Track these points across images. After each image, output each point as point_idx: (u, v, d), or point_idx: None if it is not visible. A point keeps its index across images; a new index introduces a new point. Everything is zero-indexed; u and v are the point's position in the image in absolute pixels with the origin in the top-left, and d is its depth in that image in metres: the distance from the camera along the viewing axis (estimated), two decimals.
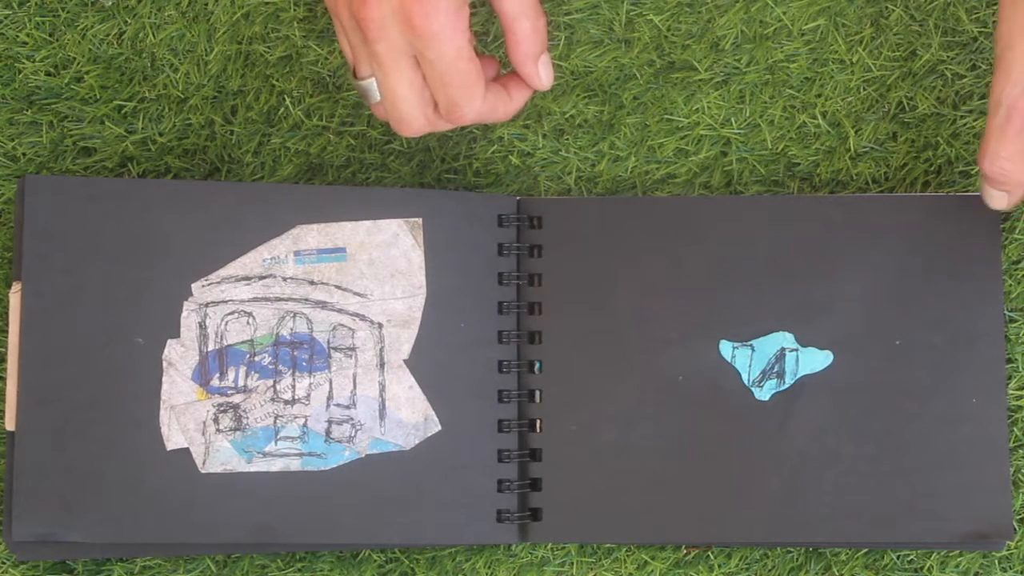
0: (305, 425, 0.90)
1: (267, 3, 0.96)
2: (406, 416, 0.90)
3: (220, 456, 0.89)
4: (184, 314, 0.90)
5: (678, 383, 0.91)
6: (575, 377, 0.92)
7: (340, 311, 0.90)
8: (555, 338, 0.92)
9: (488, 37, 0.96)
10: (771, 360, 0.92)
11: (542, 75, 0.84)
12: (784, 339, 0.92)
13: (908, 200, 0.93)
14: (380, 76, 0.82)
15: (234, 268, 0.90)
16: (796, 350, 0.92)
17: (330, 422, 0.90)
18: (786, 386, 0.91)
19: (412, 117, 0.83)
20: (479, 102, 0.82)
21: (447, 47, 0.79)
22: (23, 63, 0.96)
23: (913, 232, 0.92)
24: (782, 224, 0.92)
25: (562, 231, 0.93)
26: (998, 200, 0.87)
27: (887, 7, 0.96)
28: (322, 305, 0.90)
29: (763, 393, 0.91)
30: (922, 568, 0.92)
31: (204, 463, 0.88)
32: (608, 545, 0.92)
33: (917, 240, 0.92)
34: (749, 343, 0.92)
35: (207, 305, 0.90)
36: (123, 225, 0.89)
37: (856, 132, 0.95)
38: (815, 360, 0.91)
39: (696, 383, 0.91)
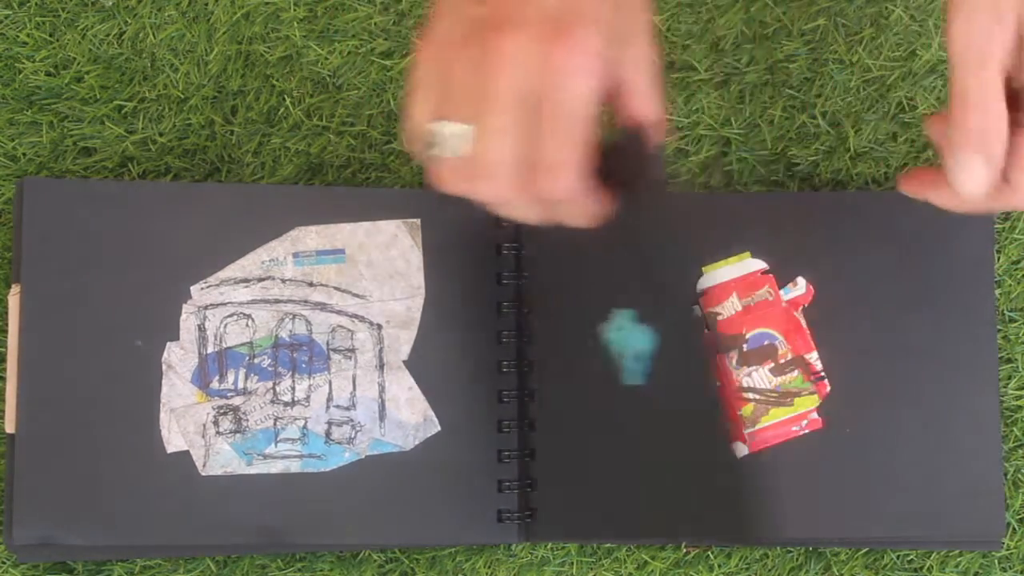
0: (305, 427, 0.90)
1: (267, 3, 0.96)
2: (406, 417, 0.90)
3: (220, 459, 0.89)
4: (183, 317, 0.90)
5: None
6: (568, 376, 0.92)
7: (339, 312, 0.91)
8: (544, 337, 0.92)
9: None
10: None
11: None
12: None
13: (900, 196, 0.92)
14: (486, 118, 0.68)
15: (233, 270, 0.90)
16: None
17: (330, 423, 0.90)
18: None
19: (504, 170, 0.69)
20: (570, 179, 0.69)
21: (579, 89, 0.67)
22: (23, 63, 0.96)
23: (905, 228, 0.92)
24: (773, 222, 0.92)
25: (550, 230, 0.93)
26: (976, 172, 0.74)
27: (887, 7, 0.96)
28: (321, 307, 0.90)
29: None
30: (922, 568, 0.92)
31: (204, 465, 0.89)
32: (608, 545, 0.92)
33: (908, 236, 0.92)
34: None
35: (206, 308, 0.90)
36: (122, 227, 0.89)
37: (856, 132, 0.95)
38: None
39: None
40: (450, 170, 0.70)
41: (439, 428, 0.90)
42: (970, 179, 0.74)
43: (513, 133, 0.68)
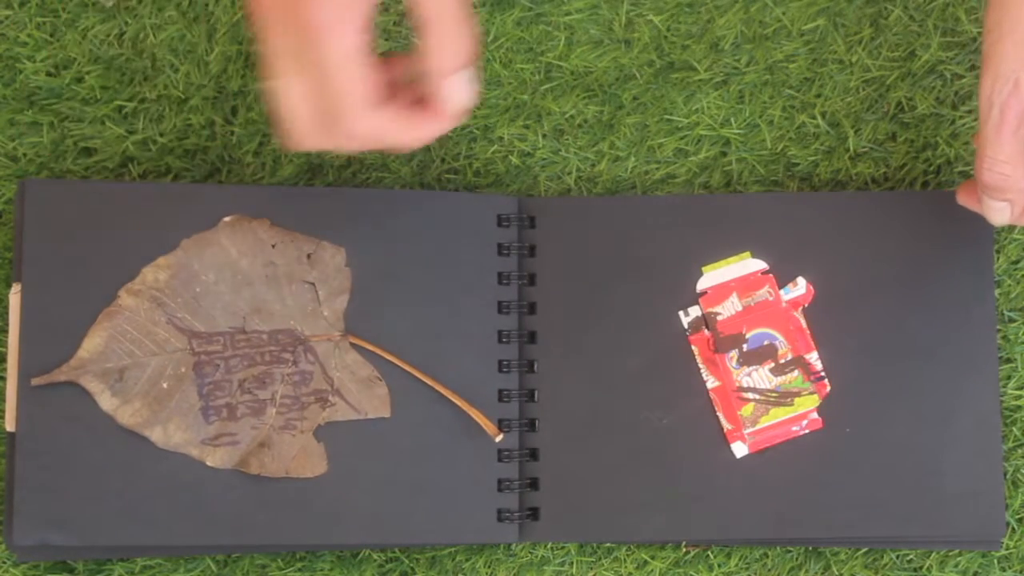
0: None
1: None
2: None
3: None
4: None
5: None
6: (571, 376, 0.92)
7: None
8: (550, 337, 0.92)
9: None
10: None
11: (452, 96, 0.73)
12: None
13: (899, 196, 0.93)
14: (276, 79, 0.73)
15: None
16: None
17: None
18: None
19: (299, 125, 0.74)
20: (366, 117, 0.72)
21: (332, 45, 0.70)
22: (24, 63, 0.96)
23: (905, 228, 0.92)
24: (775, 221, 0.93)
25: (555, 231, 0.93)
26: (1000, 213, 0.82)
27: (886, 7, 0.96)
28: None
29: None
30: (922, 568, 0.92)
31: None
32: (608, 545, 0.92)
33: (908, 236, 0.92)
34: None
35: None
36: (122, 227, 0.89)
37: (855, 132, 0.95)
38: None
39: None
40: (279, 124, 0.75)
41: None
42: (993, 216, 0.83)
43: (296, 91, 0.72)
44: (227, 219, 0.90)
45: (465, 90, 0.74)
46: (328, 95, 0.72)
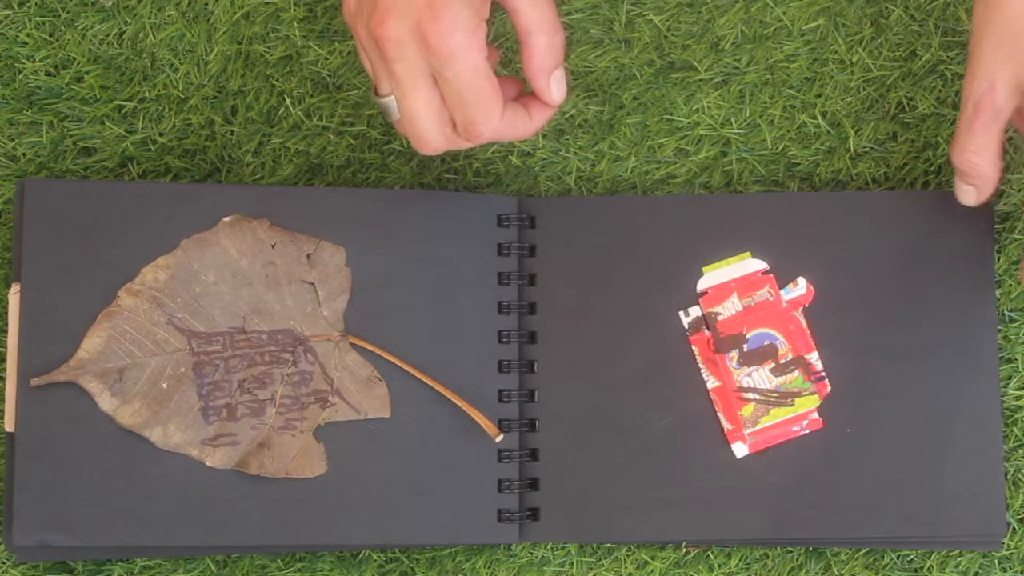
0: None
1: (267, 3, 0.96)
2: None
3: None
4: None
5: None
6: (571, 376, 0.92)
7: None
8: (550, 338, 0.92)
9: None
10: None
11: (554, 90, 0.84)
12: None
13: (900, 196, 0.93)
14: (398, 95, 0.82)
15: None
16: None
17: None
18: None
19: (430, 135, 0.83)
20: (496, 120, 0.82)
21: (464, 65, 0.79)
22: (23, 63, 0.96)
23: (905, 228, 0.92)
24: (775, 221, 0.92)
25: (555, 231, 0.93)
26: (967, 194, 0.88)
27: (887, 7, 0.96)
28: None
29: None
30: (922, 568, 0.92)
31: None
32: (608, 545, 0.92)
33: (908, 236, 0.92)
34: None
35: None
36: (122, 227, 0.89)
37: (856, 132, 0.95)
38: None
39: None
40: (400, 128, 0.84)
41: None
42: (961, 196, 0.89)
43: (423, 107, 0.82)
44: (227, 219, 0.90)
45: (563, 84, 0.84)
46: (464, 106, 0.81)
